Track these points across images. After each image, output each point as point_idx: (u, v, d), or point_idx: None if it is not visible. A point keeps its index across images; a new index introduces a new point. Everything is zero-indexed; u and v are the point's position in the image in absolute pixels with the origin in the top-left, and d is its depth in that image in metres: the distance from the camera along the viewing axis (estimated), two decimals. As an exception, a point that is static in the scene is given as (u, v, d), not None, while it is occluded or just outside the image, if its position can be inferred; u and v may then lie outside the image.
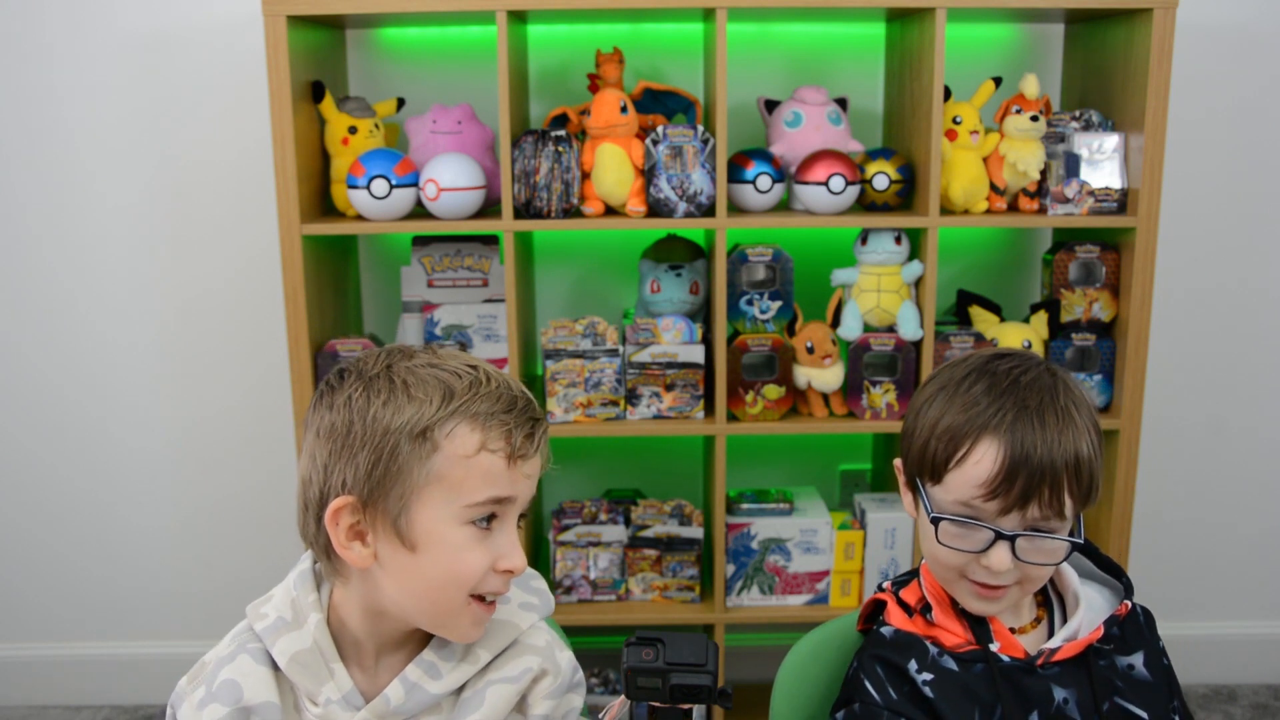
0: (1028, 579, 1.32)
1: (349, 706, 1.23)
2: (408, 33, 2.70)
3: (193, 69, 2.69)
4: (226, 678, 1.24)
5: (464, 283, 2.55)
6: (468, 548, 1.19)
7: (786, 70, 2.73)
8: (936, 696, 1.35)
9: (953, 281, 2.77)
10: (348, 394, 1.21)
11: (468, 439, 1.18)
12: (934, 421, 1.33)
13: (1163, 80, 2.34)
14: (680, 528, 2.59)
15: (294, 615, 1.26)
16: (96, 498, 2.94)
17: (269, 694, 1.23)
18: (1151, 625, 1.42)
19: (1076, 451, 1.27)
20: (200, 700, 1.24)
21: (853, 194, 2.43)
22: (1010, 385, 1.30)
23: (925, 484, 1.35)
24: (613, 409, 2.51)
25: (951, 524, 1.31)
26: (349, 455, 1.19)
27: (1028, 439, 1.26)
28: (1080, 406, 1.31)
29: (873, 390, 2.49)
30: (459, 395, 1.19)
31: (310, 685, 1.23)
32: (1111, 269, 2.50)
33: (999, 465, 1.26)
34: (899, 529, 2.56)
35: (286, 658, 1.23)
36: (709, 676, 1.10)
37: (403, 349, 1.26)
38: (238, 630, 1.29)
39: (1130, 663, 1.37)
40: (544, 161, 2.37)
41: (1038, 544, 1.29)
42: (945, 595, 1.39)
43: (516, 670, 1.29)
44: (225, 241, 2.78)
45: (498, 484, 1.19)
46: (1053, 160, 2.47)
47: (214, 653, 1.29)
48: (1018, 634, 1.39)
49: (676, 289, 2.54)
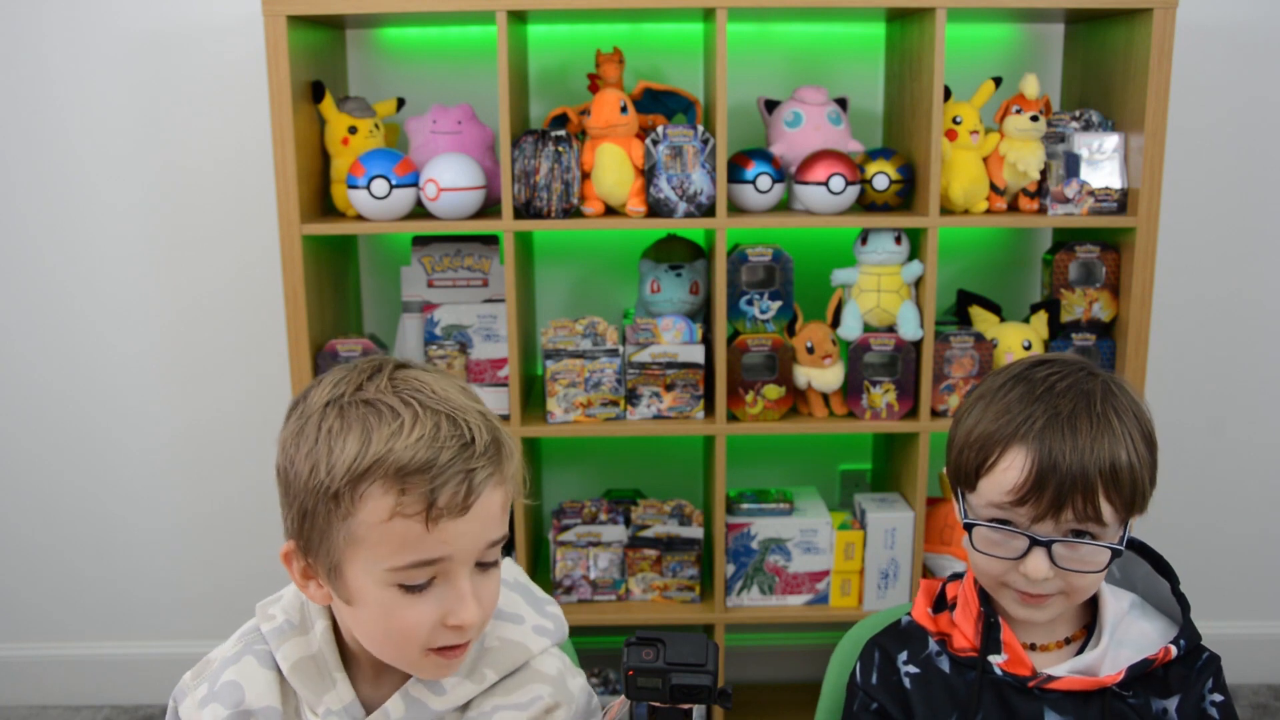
0: (1072, 589, 1.30)
1: (349, 718, 1.21)
2: (408, 33, 2.70)
3: (192, 69, 2.69)
4: (230, 679, 1.22)
5: (464, 283, 2.54)
6: (403, 608, 1.12)
7: (786, 70, 2.74)
8: (914, 690, 1.36)
9: (953, 281, 2.78)
10: (286, 435, 1.15)
11: (380, 503, 1.08)
12: (970, 429, 1.33)
13: (1163, 80, 2.34)
14: (680, 528, 2.59)
15: (301, 619, 1.24)
16: (97, 498, 2.94)
17: (271, 699, 1.21)
18: (1209, 671, 1.35)
19: (1113, 459, 1.25)
20: (202, 698, 1.23)
21: (853, 194, 2.43)
22: (1045, 392, 1.30)
23: (962, 491, 1.35)
24: (613, 409, 2.51)
25: (986, 530, 1.30)
26: (286, 502, 1.15)
27: (1056, 447, 1.25)
28: (1123, 413, 1.29)
29: (873, 390, 2.49)
30: (374, 450, 1.08)
31: (311, 695, 1.21)
32: (1111, 269, 2.51)
33: (1027, 473, 1.26)
34: (899, 529, 2.55)
35: (289, 664, 1.22)
36: (709, 676, 1.10)
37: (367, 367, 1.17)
38: (245, 629, 1.28)
39: (1165, 707, 1.33)
40: (544, 161, 2.37)
41: (1077, 551, 1.28)
42: (974, 598, 1.38)
43: (526, 698, 1.25)
44: (225, 242, 2.78)
45: (419, 549, 1.10)
46: (1053, 160, 2.48)
47: (220, 651, 1.27)
48: (1039, 650, 1.37)
49: (676, 289, 2.54)
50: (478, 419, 1.13)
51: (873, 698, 1.40)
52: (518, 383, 2.47)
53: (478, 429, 1.12)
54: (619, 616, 2.59)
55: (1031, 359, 1.36)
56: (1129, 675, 1.30)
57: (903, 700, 1.37)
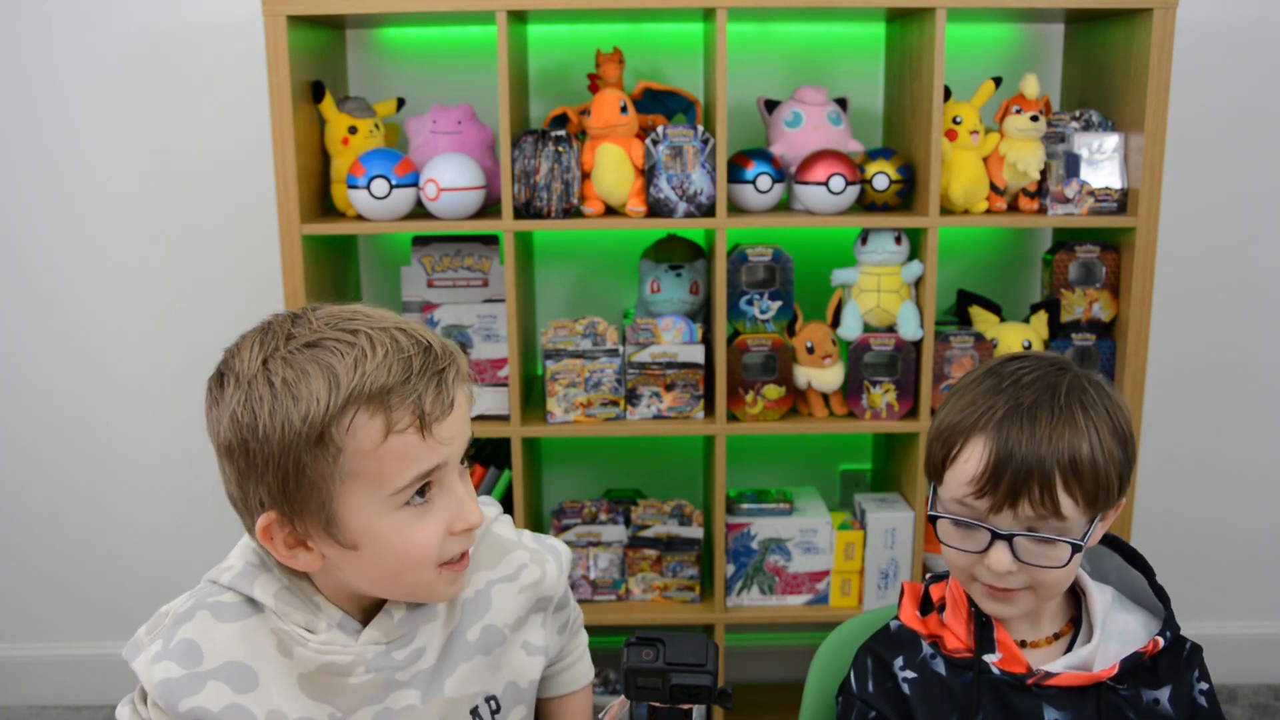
0: (1038, 584, 1.30)
1: (347, 631, 1.19)
2: (408, 33, 2.71)
3: (192, 68, 2.70)
4: (185, 637, 1.17)
5: (464, 283, 2.54)
6: (412, 528, 1.14)
7: (786, 70, 2.75)
8: (913, 695, 1.36)
9: (953, 281, 2.79)
10: (230, 408, 1.11)
11: (369, 429, 1.08)
12: (939, 422, 1.34)
13: (1163, 80, 2.34)
14: (680, 528, 2.60)
15: (260, 561, 1.21)
16: (95, 499, 2.94)
17: (234, 653, 1.17)
18: (1194, 660, 1.37)
19: (1073, 451, 1.25)
20: (155, 654, 1.17)
21: (853, 194, 2.44)
22: (1010, 384, 1.30)
23: (933, 484, 1.36)
24: (613, 409, 2.52)
25: (949, 523, 1.31)
26: (256, 475, 1.11)
27: (1014, 436, 1.25)
28: (1091, 408, 1.28)
29: (873, 390, 2.50)
30: (345, 380, 1.08)
31: (306, 616, 1.18)
32: (1111, 269, 2.51)
33: (985, 463, 1.26)
34: (899, 529, 2.56)
35: (271, 594, 1.18)
36: (709, 677, 1.10)
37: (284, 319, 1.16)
38: (196, 589, 1.23)
39: (1156, 697, 1.33)
40: (544, 161, 2.38)
41: (1039, 545, 1.27)
42: (964, 598, 1.38)
43: (512, 569, 1.30)
44: (226, 241, 2.79)
45: (419, 461, 1.11)
46: (1053, 160, 2.48)
47: (172, 605, 1.22)
48: (1030, 648, 1.37)
49: (676, 289, 2.55)
50: (421, 327, 1.16)
51: (871, 706, 1.39)
52: (518, 383, 2.48)
53: (428, 335, 1.15)
54: (619, 616, 2.60)
55: (1010, 354, 1.37)
56: (1123, 669, 1.31)
57: (902, 707, 1.36)
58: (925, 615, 1.42)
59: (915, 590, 1.45)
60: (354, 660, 1.18)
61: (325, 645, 1.17)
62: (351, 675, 1.18)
